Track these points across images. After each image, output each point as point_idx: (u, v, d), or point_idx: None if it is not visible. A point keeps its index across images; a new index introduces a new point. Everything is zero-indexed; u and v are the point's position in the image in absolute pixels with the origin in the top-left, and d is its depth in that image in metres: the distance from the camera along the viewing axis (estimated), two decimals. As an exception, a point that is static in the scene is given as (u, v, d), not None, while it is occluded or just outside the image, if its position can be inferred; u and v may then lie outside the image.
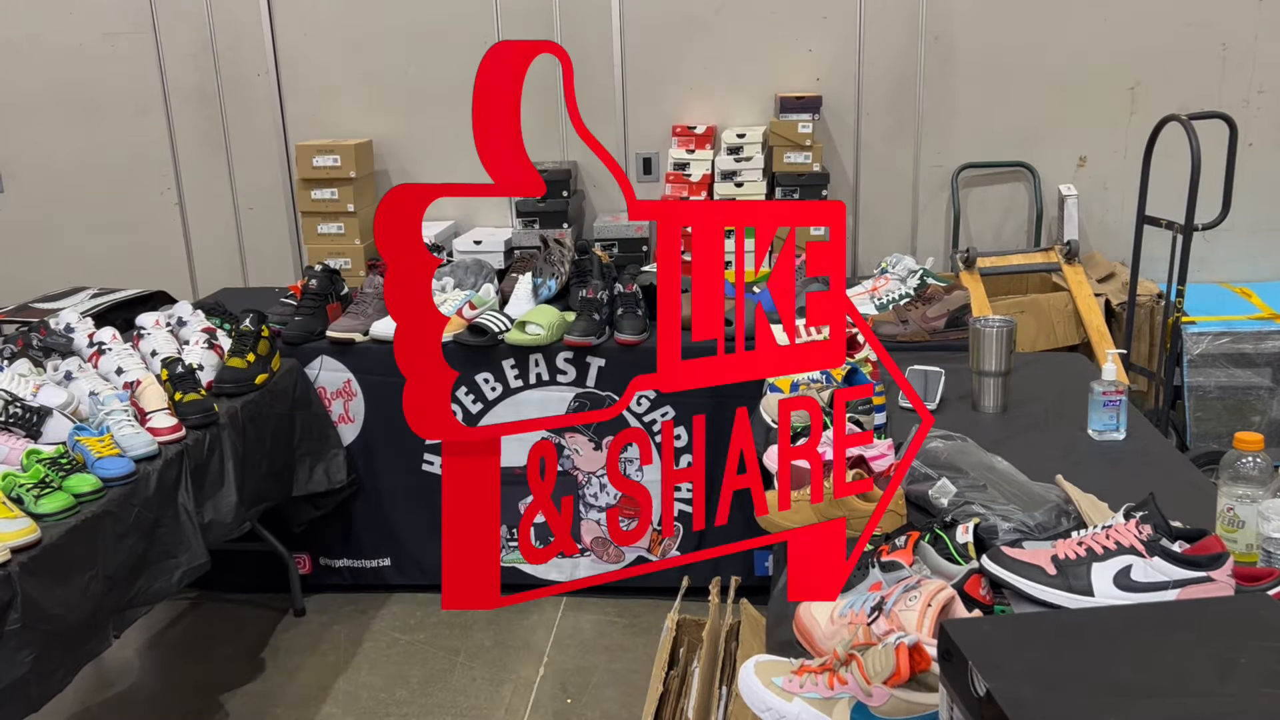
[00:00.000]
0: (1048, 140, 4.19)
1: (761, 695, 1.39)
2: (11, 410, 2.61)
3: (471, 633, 3.41)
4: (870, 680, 1.29)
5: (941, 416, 2.54)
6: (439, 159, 4.41)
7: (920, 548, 1.66)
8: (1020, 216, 4.31)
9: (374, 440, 3.47)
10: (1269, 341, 3.74)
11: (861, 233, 4.35)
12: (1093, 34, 4.07)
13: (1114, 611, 1.31)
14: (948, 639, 1.10)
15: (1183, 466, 2.24)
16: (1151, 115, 3.74)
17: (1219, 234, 3.68)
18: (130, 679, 3.26)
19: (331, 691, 3.14)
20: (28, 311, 3.63)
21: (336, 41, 4.33)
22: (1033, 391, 2.61)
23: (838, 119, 4.22)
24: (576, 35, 4.21)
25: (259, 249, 4.57)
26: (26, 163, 4.56)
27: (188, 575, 2.70)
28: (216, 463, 2.87)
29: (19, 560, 2.16)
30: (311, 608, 3.55)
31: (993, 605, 1.53)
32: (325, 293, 3.54)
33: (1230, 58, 4.06)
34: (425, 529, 3.51)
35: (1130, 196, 3.80)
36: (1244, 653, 1.07)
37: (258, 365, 3.14)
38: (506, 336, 3.32)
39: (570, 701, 3.06)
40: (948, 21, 4.10)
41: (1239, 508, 1.66)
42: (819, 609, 1.60)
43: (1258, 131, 4.05)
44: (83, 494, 2.40)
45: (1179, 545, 1.49)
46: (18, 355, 2.99)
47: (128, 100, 4.44)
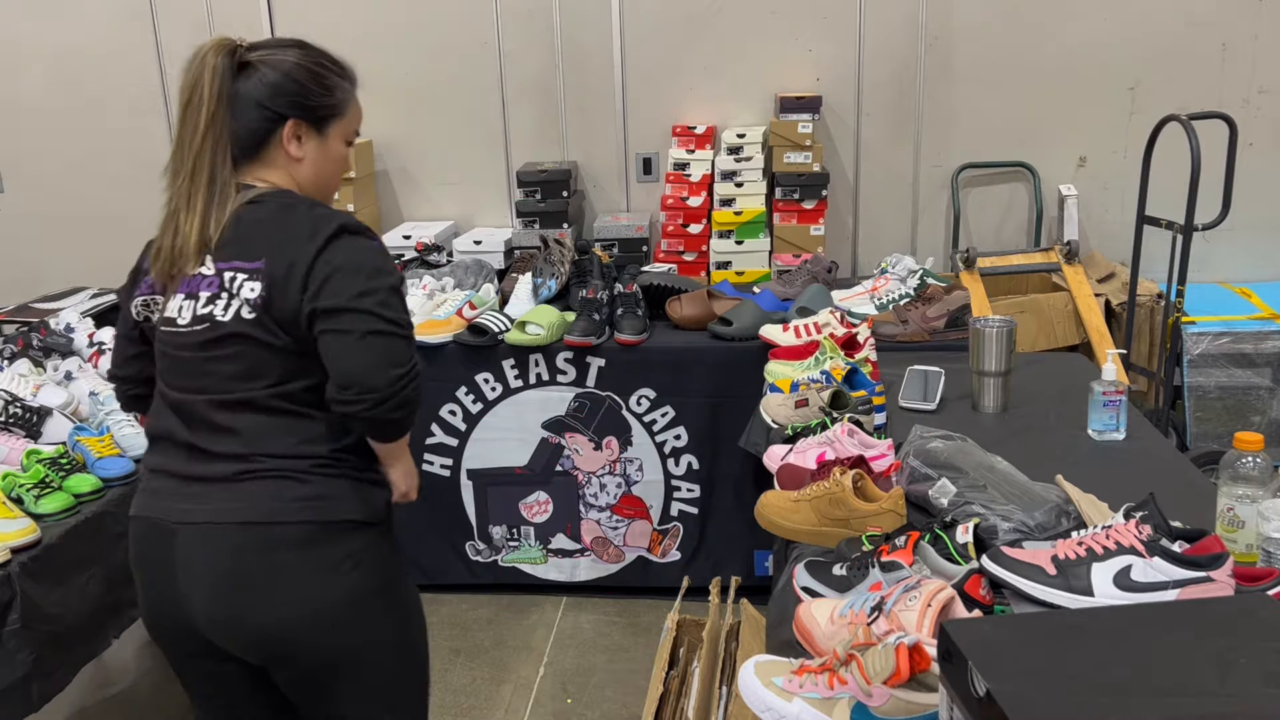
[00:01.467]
0: (1048, 140, 4.19)
1: (761, 695, 1.39)
2: (11, 410, 2.62)
3: (471, 633, 3.41)
4: (870, 680, 1.29)
5: (941, 416, 2.54)
6: (439, 159, 4.42)
7: (920, 548, 1.66)
8: (1020, 216, 4.32)
9: (374, 440, 3.47)
10: (1269, 341, 3.74)
11: (861, 233, 4.35)
12: (1093, 34, 4.07)
13: (1114, 611, 1.31)
14: (948, 639, 1.10)
15: (1183, 466, 2.23)
16: (1151, 115, 3.75)
17: (1219, 234, 3.68)
18: (130, 679, 3.26)
19: (331, 691, 3.14)
20: (28, 311, 3.63)
21: (336, 42, 4.29)
22: (1033, 391, 2.61)
23: (838, 119, 4.22)
24: (576, 35, 4.21)
25: (259, 249, 4.56)
26: (26, 163, 4.56)
27: (188, 575, 2.69)
28: (216, 463, 2.87)
29: (19, 560, 2.16)
30: (311, 608, 3.55)
31: (993, 605, 1.53)
32: (325, 293, 3.53)
33: (1230, 58, 4.06)
34: (425, 529, 3.51)
35: (1130, 196, 3.80)
36: (1244, 653, 1.07)
37: (258, 365, 3.13)
38: (506, 336, 3.32)
39: (570, 701, 3.06)
40: (948, 21, 4.10)
41: (1239, 508, 1.66)
42: (819, 609, 1.60)
43: (1258, 131, 4.06)
44: (83, 494, 2.40)
45: (1179, 545, 1.49)
46: (18, 355, 2.99)
47: (128, 100, 4.44)
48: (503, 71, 4.30)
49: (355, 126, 1.83)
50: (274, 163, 1.75)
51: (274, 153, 1.75)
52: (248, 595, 1.66)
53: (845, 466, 2.01)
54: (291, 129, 1.74)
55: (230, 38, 1.75)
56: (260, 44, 1.77)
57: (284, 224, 1.68)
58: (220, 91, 1.68)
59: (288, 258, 1.64)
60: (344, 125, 1.80)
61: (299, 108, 1.74)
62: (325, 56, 1.81)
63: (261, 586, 1.66)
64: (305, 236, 1.65)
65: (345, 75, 1.82)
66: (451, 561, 3.55)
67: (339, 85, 1.79)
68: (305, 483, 1.68)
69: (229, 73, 1.70)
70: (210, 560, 1.66)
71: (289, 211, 1.71)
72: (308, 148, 1.76)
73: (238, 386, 1.67)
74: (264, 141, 1.73)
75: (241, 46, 1.74)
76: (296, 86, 1.73)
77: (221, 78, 1.68)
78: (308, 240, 1.64)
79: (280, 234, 1.67)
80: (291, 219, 1.69)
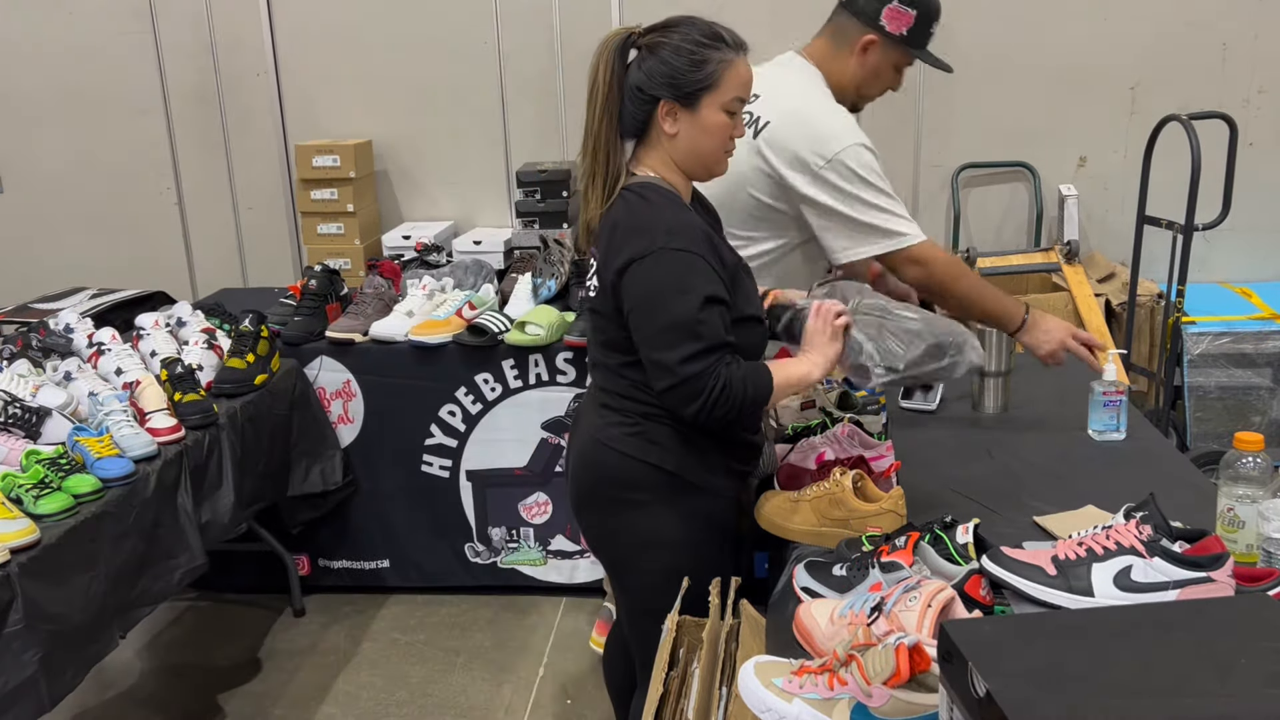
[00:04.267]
0: (1048, 140, 4.19)
1: (761, 696, 1.39)
2: (11, 411, 2.61)
3: (471, 633, 3.41)
4: (870, 681, 1.29)
5: (941, 416, 2.55)
6: (439, 159, 4.41)
7: (920, 548, 1.66)
8: (1020, 216, 4.31)
9: (373, 441, 3.47)
10: (1269, 341, 3.74)
11: (861, 233, 4.34)
12: (1093, 34, 4.07)
13: (1114, 611, 1.31)
14: (948, 639, 1.10)
15: (1183, 466, 2.23)
16: (1151, 115, 3.75)
17: (1219, 234, 3.68)
18: (130, 679, 3.26)
19: (331, 691, 3.14)
20: (27, 312, 3.62)
21: (336, 42, 4.33)
22: (1033, 392, 2.61)
23: (837, 119, 4.21)
24: (576, 36, 4.20)
25: (258, 249, 4.57)
26: (26, 163, 4.56)
27: (186, 576, 2.69)
28: (215, 463, 2.87)
29: (18, 561, 2.16)
30: (311, 608, 3.55)
31: (993, 605, 1.53)
32: (325, 293, 3.53)
33: (1230, 58, 4.06)
34: (424, 530, 3.51)
35: (1130, 196, 3.80)
36: (1244, 653, 1.07)
37: (257, 366, 3.14)
38: (506, 337, 3.32)
39: (570, 702, 3.06)
40: (948, 21, 4.08)
41: (1239, 508, 1.66)
42: (819, 609, 1.60)
43: (1258, 131, 4.05)
44: (82, 494, 2.39)
45: (1179, 545, 1.49)
46: (17, 356, 2.99)
47: (128, 100, 4.44)
48: (503, 71, 4.30)
49: (735, 94, 1.87)
50: (656, 143, 1.90)
51: (654, 133, 1.89)
52: None
53: (845, 467, 2.01)
54: (664, 109, 1.86)
55: (629, 27, 1.90)
56: (649, 29, 1.89)
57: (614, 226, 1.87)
58: (611, 79, 1.85)
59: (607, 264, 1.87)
60: (717, 96, 1.85)
61: (667, 87, 1.84)
62: (697, 30, 1.86)
63: None
64: (617, 249, 1.84)
65: (718, 46, 1.86)
66: (451, 564, 3.55)
67: (709, 58, 1.84)
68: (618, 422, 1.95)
69: (620, 61, 1.86)
70: None
71: (628, 211, 1.86)
72: (681, 124, 1.87)
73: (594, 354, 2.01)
74: (646, 124, 1.88)
75: (635, 33, 1.88)
76: (666, 69, 1.84)
77: (613, 66, 1.85)
78: (616, 255, 1.84)
79: (611, 235, 1.87)
80: (623, 223, 1.86)
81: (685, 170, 1.92)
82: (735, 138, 1.91)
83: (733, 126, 1.89)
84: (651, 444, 1.92)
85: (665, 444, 1.92)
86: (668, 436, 1.91)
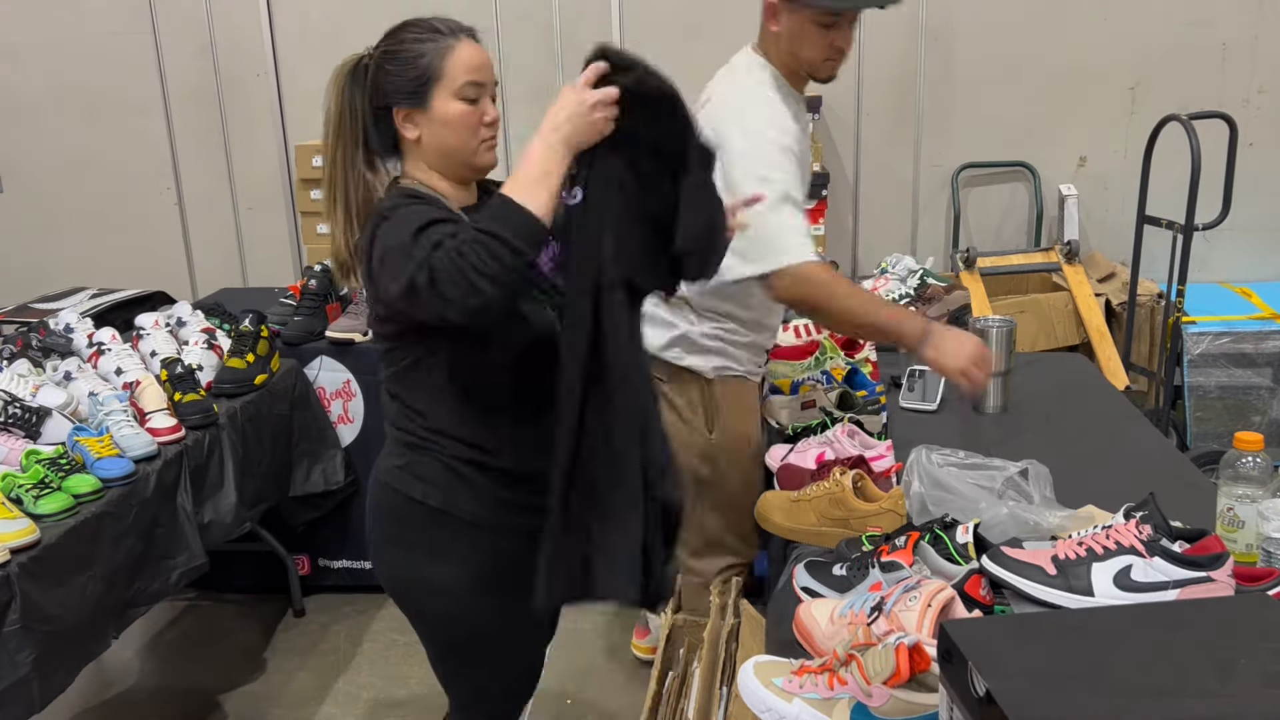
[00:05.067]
0: (1048, 140, 4.19)
1: (761, 696, 1.39)
2: (11, 410, 2.61)
3: (471, 633, 3.41)
4: (870, 680, 1.29)
5: (942, 416, 2.55)
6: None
7: (920, 548, 1.66)
8: (1020, 216, 4.31)
9: (373, 440, 3.46)
10: (1269, 341, 3.74)
11: (861, 233, 4.34)
12: (1093, 34, 4.07)
13: (1114, 611, 1.31)
14: (948, 639, 1.10)
15: (1183, 466, 2.23)
16: (1151, 115, 3.75)
17: (1219, 234, 3.68)
18: (130, 679, 3.26)
19: (331, 692, 3.13)
20: (27, 312, 3.62)
21: (336, 41, 4.31)
22: (1033, 391, 2.61)
23: (838, 119, 4.22)
24: (576, 36, 4.20)
25: (258, 249, 4.57)
26: (26, 163, 4.56)
27: (185, 576, 2.69)
28: (216, 463, 2.87)
29: (18, 561, 2.16)
30: (311, 608, 3.55)
31: (993, 605, 1.53)
32: (325, 293, 3.53)
33: (1230, 58, 4.06)
34: (425, 529, 3.51)
35: (1130, 196, 3.80)
36: (1244, 653, 1.07)
37: (257, 366, 3.14)
38: (506, 337, 3.31)
39: (570, 702, 3.06)
40: (948, 21, 4.10)
41: (1239, 508, 1.66)
42: (819, 609, 1.60)
43: (1258, 131, 4.05)
44: (82, 494, 2.39)
45: (1179, 545, 1.49)
46: (17, 355, 2.99)
47: (128, 100, 4.44)
48: (503, 71, 4.30)
49: (466, 78, 1.69)
50: (409, 153, 1.75)
51: (404, 144, 1.75)
52: None
53: (845, 467, 2.01)
54: (400, 116, 1.72)
55: (358, 54, 1.78)
56: (376, 46, 1.77)
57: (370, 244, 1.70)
58: (342, 105, 1.74)
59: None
60: (445, 85, 1.69)
61: (394, 94, 1.71)
62: (411, 30, 1.73)
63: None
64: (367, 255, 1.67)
65: (434, 37, 1.71)
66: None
67: (424, 51, 1.70)
68: (389, 453, 1.84)
69: (352, 85, 1.75)
70: None
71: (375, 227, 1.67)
72: (421, 126, 1.72)
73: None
74: (395, 138, 1.74)
75: (365, 57, 1.77)
76: (387, 76, 1.71)
77: (344, 92, 1.74)
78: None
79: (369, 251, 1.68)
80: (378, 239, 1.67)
81: (444, 172, 1.74)
82: (491, 124, 1.73)
83: (479, 113, 1.71)
84: (416, 479, 1.77)
85: (431, 478, 1.76)
86: (434, 470, 1.76)
